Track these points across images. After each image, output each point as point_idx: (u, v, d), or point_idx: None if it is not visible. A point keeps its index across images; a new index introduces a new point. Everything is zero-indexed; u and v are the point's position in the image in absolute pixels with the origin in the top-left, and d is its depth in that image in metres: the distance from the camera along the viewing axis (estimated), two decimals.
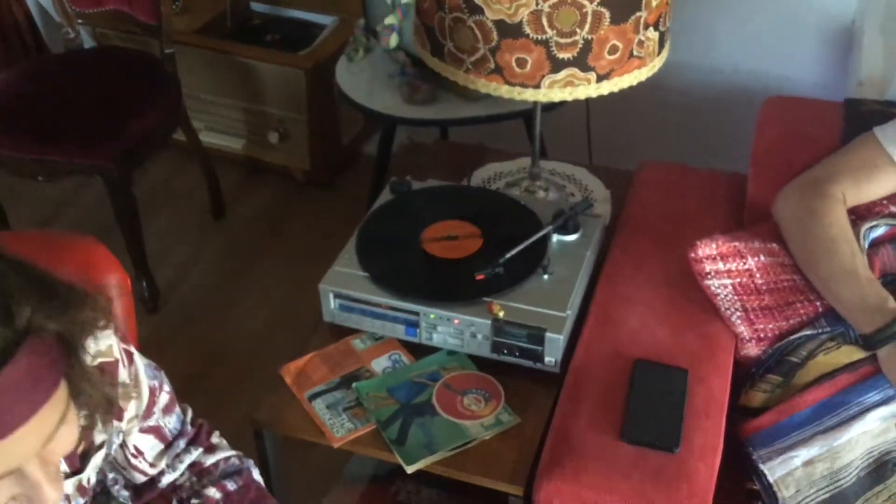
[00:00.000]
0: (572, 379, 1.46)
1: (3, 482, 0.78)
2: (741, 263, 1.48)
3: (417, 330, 1.52)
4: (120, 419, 1.10)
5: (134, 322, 1.44)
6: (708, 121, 2.40)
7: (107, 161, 2.19)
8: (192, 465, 1.22)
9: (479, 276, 1.52)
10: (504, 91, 1.51)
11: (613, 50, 1.47)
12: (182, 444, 1.21)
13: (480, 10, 1.44)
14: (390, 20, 2.17)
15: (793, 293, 1.51)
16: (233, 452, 1.25)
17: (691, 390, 1.42)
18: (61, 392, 0.79)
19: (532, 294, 1.51)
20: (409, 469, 1.37)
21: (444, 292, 1.51)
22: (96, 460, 1.08)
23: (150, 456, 1.19)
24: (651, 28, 1.50)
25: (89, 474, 1.08)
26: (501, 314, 1.47)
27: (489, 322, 1.47)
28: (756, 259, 1.50)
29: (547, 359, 1.48)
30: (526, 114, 2.25)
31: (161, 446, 1.20)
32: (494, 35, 1.45)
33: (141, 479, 1.20)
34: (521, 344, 1.47)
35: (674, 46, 2.35)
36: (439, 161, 2.09)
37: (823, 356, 1.46)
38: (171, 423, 1.20)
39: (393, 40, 2.20)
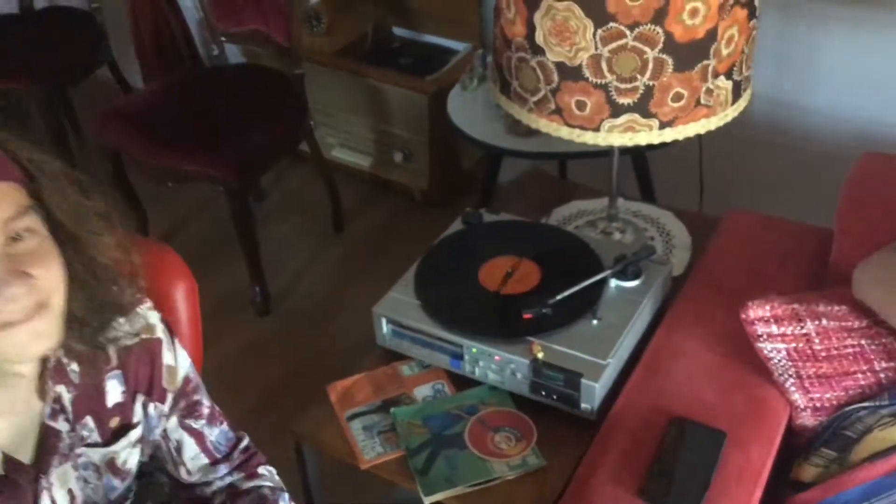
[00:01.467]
0: (606, 429, 1.43)
1: None
2: (798, 327, 1.40)
3: (462, 362, 1.54)
4: (163, 401, 1.17)
5: (199, 327, 1.54)
6: (829, 172, 2.27)
7: (225, 172, 2.34)
8: (230, 486, 1.26)
9: (527, 315, 1.52)
10: (564, 133, 1.50)
11: (677, 98, 1.43)
12: (223, 469, 1.26)
13: (542, 52, 1.44)
14: None
15: (855, 362, 1.42)
16: (272, 483, 1.26)
17: (727, 455, 1.36)
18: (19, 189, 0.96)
19: (577, 338, 1.49)
20: (427, 501, 1.39)
21: (489, 327, 1.52)
22: (129, 438, 1.15)
23: (190, 465, 1.24)
24: (722, 77, 1.45)
25: (124, 455, 1.15)
26: (541, 355, 1.46)
27: (528, 361, 1.46)
28: (816, 323, 1.41)
29: (583, 405, 1.45)
30: (629, 152, 2.22)
31: (204, 461, 1.24)
32: (555, 77, 1.45)
33: (179, 478, 1.27)
34: (558, 387, 1.46)
35: (797, 93, 2.26)
36: (532, 193, 2.10)
37: (879, 431, 1.36)
38: (213, 434, 1.25)
39: None
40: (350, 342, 2.49)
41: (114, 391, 1.13)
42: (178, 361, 1.19)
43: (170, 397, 1.19)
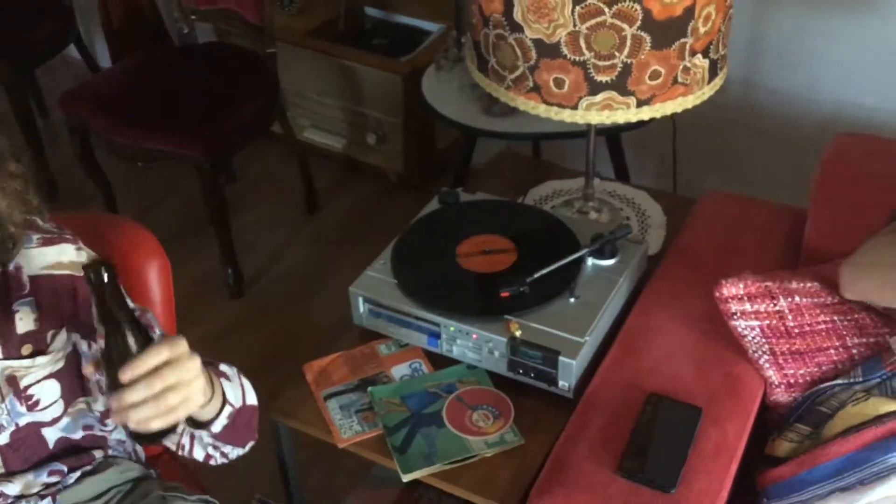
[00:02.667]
0: (583, 406, 1.43)
1: None
2: (771, 305, 1.42)
3: (439, 341, 1.54)
4: (96, 341, 1.16)
5: (173, 305, 1.53)
6: (802, 153, 2.29)
7: (196, 152, 2.31)
8: None
9: (504, 294, 1.52)
10: (542, 110, 1.50)
11: (655, 75, 1.44)
12: None
13: (520, 29, 1.44)
14: None
15: (828, 338, 1.43)
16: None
17: (703, 431, 1.37)
18: None
19: (555, 316, 1.49)
20: (405, 478, 1.39)
21: (467, 306, 1.52)
22: (34, 361, 1.14)
23: None
24: (699, 55, 1.45)
25: (28, 379, 1.14)
26: (518, 333, 1.46)
27: (506, 340, 1.46)
28: (789, 300, 1.43)
29: (561, 383, 1.46)
30: (605, 132, 2.22)
31: None
32: (533, 54, 1.45)
33: None
34: (535, 365, 1.46)
35: (771, 75, 2.28)
36: (507, 174, 2.09)
37: (852, 406, 1.37)
38: None
39: None
40: (325, 324, 2.48)
41: (26, 318, 1.13)
42: None
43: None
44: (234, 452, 1.21)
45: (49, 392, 1.17)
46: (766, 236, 1.71)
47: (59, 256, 1.15)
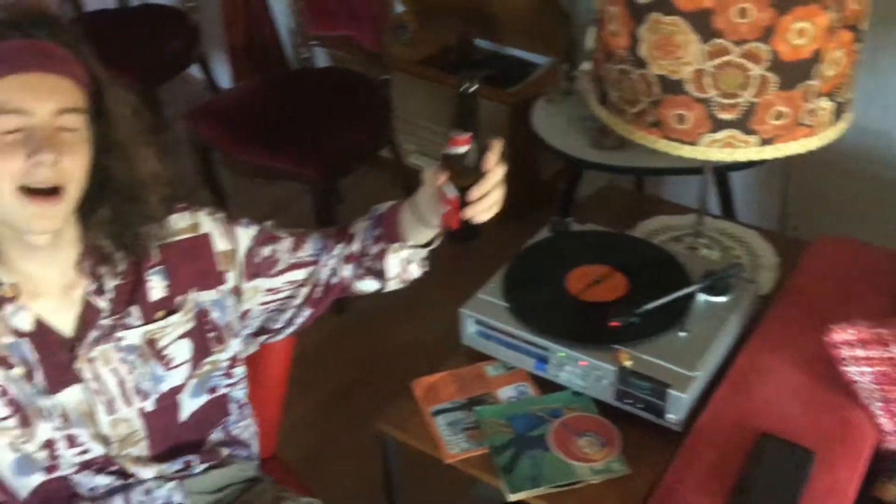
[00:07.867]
0: (692, 441, 1.44)
1: (8, 116, 1.03)
2: (883, 351, 1.40)
3: (546, 366, 1.56)
4: (222, 282, 1.28)
5: None
6: None
7: (313, 171, 2.40)
8: (347, 258, 1.39)
9: (614, 323, 1.53)
10: (662, 145, 1.52)
11: (779, 116, 1.45)
12: (326, 258, 1.38)
13: (645, 65, 1.47)
14: (586, 66, 2.23)
15: None
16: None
17: (814, 475, 1.36)
18: (78, 91, 1.09)
19: (665, 349, 1.50)
20: (511, 497, 1.41)
21: (576, 333, 1.54)
22: (169, 320, 1.24)
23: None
24: (825, 98, 1.46)
25: (165, 340, 1.24)
26: (628, 363, 1.47)
27: (615, 369, 1.48)
28: None
29: (669, 416, 1.47)
30: (713, 169, 2.22)
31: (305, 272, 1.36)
32: (656, 89, 1.47)
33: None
34: (644, 396, 1.47)
35: (885, 120, 2.24)
36: (612, 207, 2.11)
37: None
38: (307, 251, 1.37)
39: None
40: (421, 344, 2.53)
41: (158, 286, 1.23)
42: (239, 242, 1.30)
43: (231, 274, 1.29)
44: None
45: (182, 351, 1.26)
46: (881, 282, 1.69)
47: (179, 223, 1.26)
